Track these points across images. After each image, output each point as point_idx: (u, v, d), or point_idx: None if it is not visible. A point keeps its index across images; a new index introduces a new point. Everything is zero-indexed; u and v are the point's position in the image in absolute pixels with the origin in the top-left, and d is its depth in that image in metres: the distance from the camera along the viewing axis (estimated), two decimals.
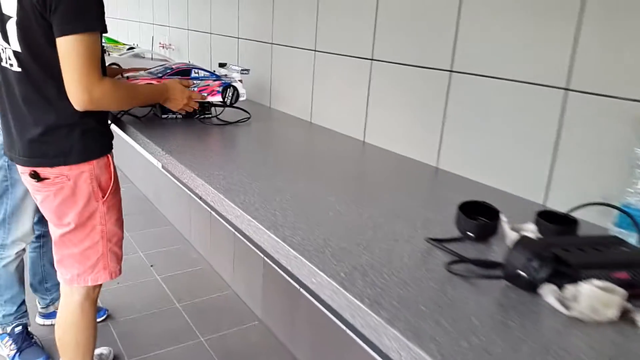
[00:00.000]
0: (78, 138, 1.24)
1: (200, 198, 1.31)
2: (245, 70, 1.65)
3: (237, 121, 1.61)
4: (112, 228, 1.37)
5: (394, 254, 0.78)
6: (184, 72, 1.56)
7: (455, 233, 0.85)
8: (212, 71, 1.67)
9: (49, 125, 1.22)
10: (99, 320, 1.84)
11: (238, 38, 2.12)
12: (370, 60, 1.45)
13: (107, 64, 1.91)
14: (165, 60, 2.06)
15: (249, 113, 1.67)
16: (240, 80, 1.65)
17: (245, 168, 1.14)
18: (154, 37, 2.94)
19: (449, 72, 1.22)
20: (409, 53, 1.32)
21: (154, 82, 1.50)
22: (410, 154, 1.35)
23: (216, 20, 2.28)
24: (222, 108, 1.67)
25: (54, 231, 1.35)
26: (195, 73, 1.58)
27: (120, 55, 1.96)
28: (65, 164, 1.24)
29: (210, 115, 1.65)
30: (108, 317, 2.08)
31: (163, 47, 2.63)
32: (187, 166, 1.12)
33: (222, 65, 1.76)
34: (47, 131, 1.22)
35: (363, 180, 1.21)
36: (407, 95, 1.35)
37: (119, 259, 1.43)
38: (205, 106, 1.64)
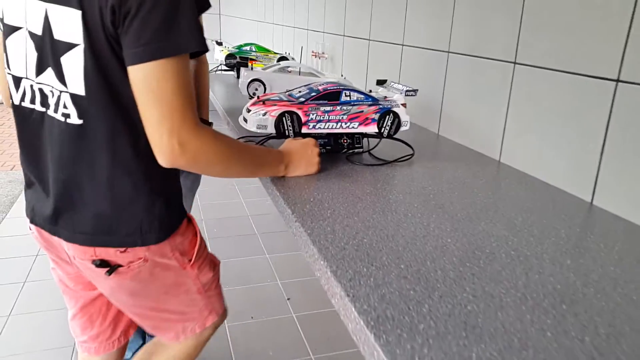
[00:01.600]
0: (160, 209, 0.92)
1: None
2: (412, 91, 1.23)
3: (396, 160, 1.21)
4: (206, 279, 1.08)
5: None
6: (332, 95, 1.20)
7: None
8: (368, 91, 1.29)
9: (123, 196, 0.88)
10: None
11: (402, 45, 1.71)
12: (614, 82, 0.93)
13: (249, 80, 1.68)
14: (314, 75, 1.74)
15: (412, 148, 1.26)
16: (404, 104, 1.24)
17: (407, 258, 0.73)
18: (305, 45, 2.67)
19: None
20: None
21: (294, 108, 1.16)
22: None
23: (377, 24, 1.90)
24: (376, 140, 1.28)
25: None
26: (345, 96, 1.21)
27: (264, 69, 1.68)
28: (143, 244, 0.92)
29: (361, 150, 1.27)
30: None
31: (315, 56, 2.34)
32: (320, 251, 0.75)
33: (381, 82, 1.37)
34: (119, 204, 0.89)
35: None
36: None
37: (220, 295, 1.16)
38: (356, 138, 1.26)
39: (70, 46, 0.80)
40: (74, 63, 0.81)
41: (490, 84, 1.28)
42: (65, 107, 0.84)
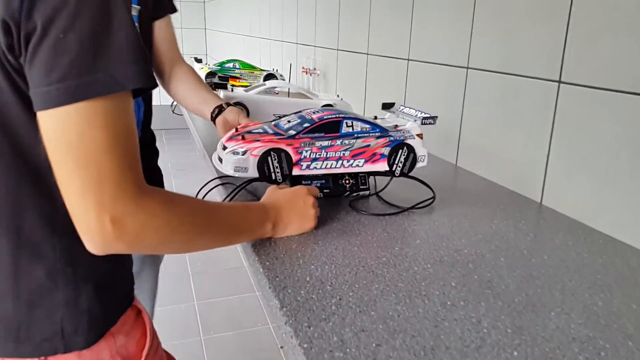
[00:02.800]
0: (90, 300, 0.65)
1: None
2: (430, 118, 0.98)
3: (414, 207, 0.95)
4: None
5: None
6: (330, 125, 0.94)
7: None
8: (373, 118, 1.03)
9: (33, 288, 0.62)
10: None
11: (408, 60, 1.46)
12: None
13: (229, 104, 1.36)
14: (305, 96, 1.48)
15: (432, 190, 1.00)
16: (420, 135, 0.98)
17: None
18: (295, 61, 2.42)
19: None
20: None
21: (282, 145, 0.90)
22: None
23: (376, 35, 1.65)
24: (384, 177, 1.03)
25: None
26: (347, 127, 0.95)
27: (247, 90, 1.42)
28: (67, 351, 0.64)
29: (367, 192, 1.01)
30: None
31: (306, 72, 2.09)
32: None
33: (387, 106, 1.11)
34: (28, 299, 0.62)
35: None
36: None
37: None
38: (361, 177, 1.01)
39: None
40: None
41: (527, 106, 1.02)
42: None
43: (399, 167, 0.97)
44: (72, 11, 0.49)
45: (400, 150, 0.96)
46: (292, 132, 0.93)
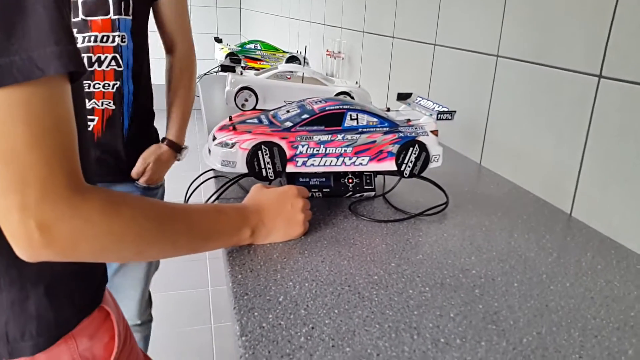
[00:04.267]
0: (39, 303, 0.59)
1: None
2: (447, 113, 0.86)
3: (421, 213, 0.84)
4: None
5: None
6: (332, 117, 0.84)
7: None
8: (386, 110, 0.93)
9: None
10: None
11: (435, 45, 1.33)
12: None
13: (236, 88, 1.31)
14: (320, 83, 1.38)
15: (445, 193, 0.89)
16: (435, 132, 0.87)
17: None
18: (321, 43, 2.31)
19: None
20: None
21: (275, 138, 0.81)
22: None
23: (403, 17, 1.52)
24: (393, 177, 0.92)
25: None
26: (351, 119, 0.84)
27: (257, 74, 1.33)
28: (14, 357, 0.58)
29: (372, 193, 0.91)
30: None
31: (331, 55, 1.98)
32: None
33: (403, 96, 1.00)
34: None
35: None
36: None
37: None
38: (366, 176, 0.90)
39: None
40: None
41: (561, 103, 0.89)
42: None
43: (409, 167, 0.87)
44: None
45: (411, 149, 0.85)
46: (289, 124, 0.83)
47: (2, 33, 0.42)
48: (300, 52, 2.08)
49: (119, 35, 1.17)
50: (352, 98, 1.31)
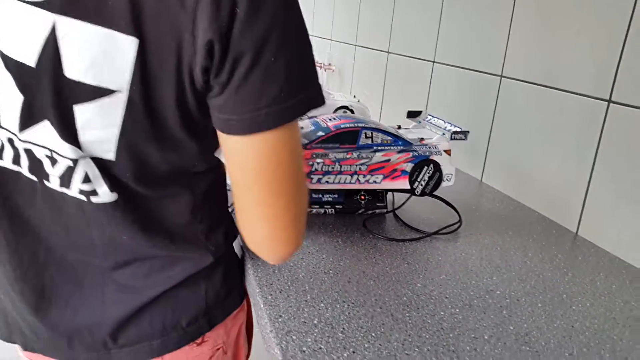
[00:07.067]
0: (225, 272, 0.64)
1: None
2: (461, 133, 0.88)
3: (437, 232, 0.85)
4: None
5: None
6: (347, 135, 0.84)
7: None
8: (397, 128, 0.94)
9: (179, 280, 0.58)
10: None
11: (433, 62, 1.35)
12: None
13: None
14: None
15: (458, 213, 0.90)
16: (448, 152, 0.88)
17: None
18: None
19: None
20: None
21: None
22: None
23: (400, 32, 1.54)
24: (406, 197, 0.93)
25: None
26: (366, 138, 0.85)
27: None
28: (212, 325, 0.62)
29: (384, 209, 0.91)
30: None
31: (321, 67, 1.99)
32: None
33: (413, 114, 1.01)
34: (170, 289, 0.58)
35: None
36: None
37: None
38: (378, 194, 0.91)
39: (102, 92, 0.44)
40: (97, 118, 0.45)
41: (568, 125, 0.92)
42: (67, 179, 0.49)
43: (421, 185, 0.87)
44: (282, 33, 0.44)
45: (426, 167, 0.86)
46: (304, 141, 0.83)
47: (298, 78, 0.47)
48: None
49: None
50: (352, 112, 1.32)
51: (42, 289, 0.55)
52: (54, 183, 0.49)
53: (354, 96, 1.40)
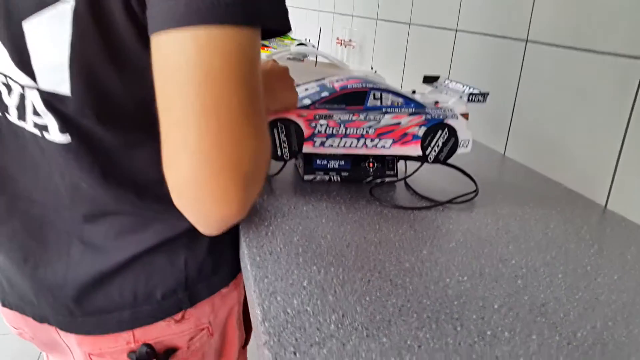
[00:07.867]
0: (211, 244, 0.60)
1: None
2: (479, 95, 0.81)
3: (450, 201, 0.78)
4: None
5: None
6: (353, 96, 0.78)
7: None
8: (411, 92, 0.87)
9: (152, 244, 0.53)
10: None
11: (456, 31, 1.27)
12: None
13: None
14: (335, 66, 1.32)
15: (474, 181, 0.83)
16: (465, 115, 0.81)
17: None
18: (331, 32, 2.25)
19: None
20: None
21: (292, 115, 0.76)
22: None
23: (421, 2, 1.47)
24: (414, 161, 0.86)
25: None
26: (374, 99, 0.79)
27: (270, 55, 1.27)
28: (194, 302, 0.57)
29: (393, 178, 0.85)
30: None
31: (341, 43, 1.92)
32: None
33: (429, 79, 0.94)
34: (142, 253, 0.53)
35: None
36: None
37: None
38: (388, 161, 0.84)
39: (43, 3, 0.39)
40: (41, 41, 0.40)
41: (598, 90, 0.84)
42: (29, 111, 0.44)
43: (435, 151, 0.81)
44: None
45: (440, 132, 0.80)
46: (308, 102, 0.78)
47: None
48: (309, 40, 2.02)
49: None
50: None
51: (12, 237, 0.52)
52: (13, 115, 0.46)
53: (371, 67, 1.33)
